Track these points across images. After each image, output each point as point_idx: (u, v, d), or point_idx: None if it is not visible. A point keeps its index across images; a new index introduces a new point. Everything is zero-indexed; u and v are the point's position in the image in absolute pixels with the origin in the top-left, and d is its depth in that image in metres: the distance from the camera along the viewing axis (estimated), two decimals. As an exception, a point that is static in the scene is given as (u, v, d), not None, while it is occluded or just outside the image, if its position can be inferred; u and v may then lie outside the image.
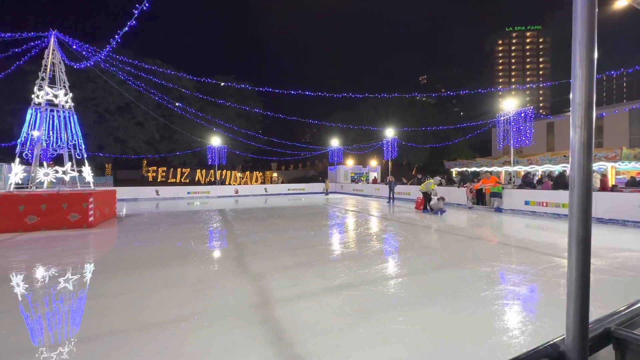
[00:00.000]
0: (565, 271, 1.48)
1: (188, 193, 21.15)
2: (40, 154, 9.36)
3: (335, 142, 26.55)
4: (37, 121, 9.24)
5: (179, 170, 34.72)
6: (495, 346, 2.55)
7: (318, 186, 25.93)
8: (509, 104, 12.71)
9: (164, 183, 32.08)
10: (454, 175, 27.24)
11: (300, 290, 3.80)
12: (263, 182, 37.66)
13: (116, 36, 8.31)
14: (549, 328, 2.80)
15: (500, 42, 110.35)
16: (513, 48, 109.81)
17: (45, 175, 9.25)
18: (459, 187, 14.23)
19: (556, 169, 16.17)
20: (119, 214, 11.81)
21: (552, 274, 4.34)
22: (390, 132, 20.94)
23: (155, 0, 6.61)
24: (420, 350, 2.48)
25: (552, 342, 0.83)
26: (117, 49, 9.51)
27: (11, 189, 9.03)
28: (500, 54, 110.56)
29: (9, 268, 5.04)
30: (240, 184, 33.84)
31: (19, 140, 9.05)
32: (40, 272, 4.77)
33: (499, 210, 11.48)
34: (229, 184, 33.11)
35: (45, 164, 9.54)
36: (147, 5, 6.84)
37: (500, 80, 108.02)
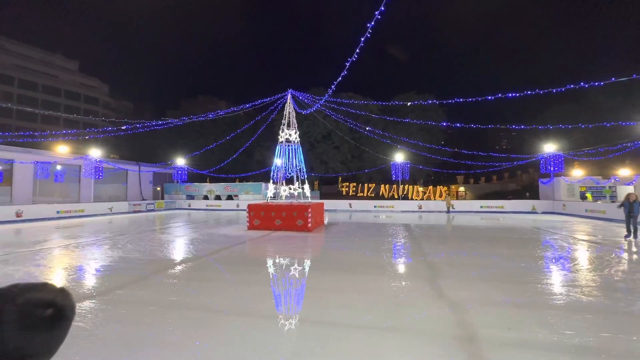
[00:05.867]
0: None
1: (374, 207, 23.03)
2: (281, 176, 13.36)
3: (549, 147, 20.43)
4: (280, 153, 13.30)
5: (366, 185, 38.67)
6: None
7: (523, 204, 20.75)
8: None
9: (354, 197, 36.67)
10: None
11: (517, 337, 3.10)
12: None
13: (332, 86, 10.71)
14: None
15: None
16: None
17: (284, 191, 13.06)
18: None
19: None
20: (325, 222, 14.63)
21: None
22: (661, 125, 13.57)
23: (362, 51, 8.01)
24: None
25: None
26: (324, 91, 12.33)
27: (268, 201, 13.41)
28: None
29: (266, 255, 7.45)
30: (422, 198, 32.98)
31: (272, 167, 13.38)
32: (280, 261, 6.69)
33: None
34: (412, 198, 33.03)
35: (284, 183, 13.48)
36: (355, 57, 8.39)
37: None
